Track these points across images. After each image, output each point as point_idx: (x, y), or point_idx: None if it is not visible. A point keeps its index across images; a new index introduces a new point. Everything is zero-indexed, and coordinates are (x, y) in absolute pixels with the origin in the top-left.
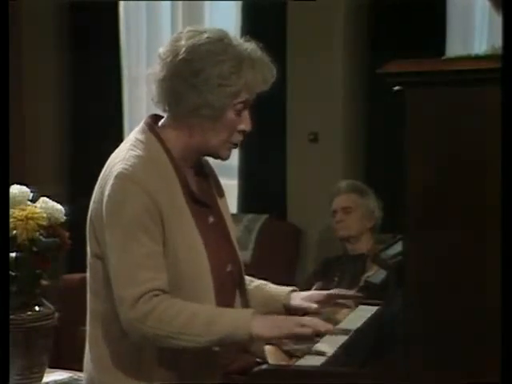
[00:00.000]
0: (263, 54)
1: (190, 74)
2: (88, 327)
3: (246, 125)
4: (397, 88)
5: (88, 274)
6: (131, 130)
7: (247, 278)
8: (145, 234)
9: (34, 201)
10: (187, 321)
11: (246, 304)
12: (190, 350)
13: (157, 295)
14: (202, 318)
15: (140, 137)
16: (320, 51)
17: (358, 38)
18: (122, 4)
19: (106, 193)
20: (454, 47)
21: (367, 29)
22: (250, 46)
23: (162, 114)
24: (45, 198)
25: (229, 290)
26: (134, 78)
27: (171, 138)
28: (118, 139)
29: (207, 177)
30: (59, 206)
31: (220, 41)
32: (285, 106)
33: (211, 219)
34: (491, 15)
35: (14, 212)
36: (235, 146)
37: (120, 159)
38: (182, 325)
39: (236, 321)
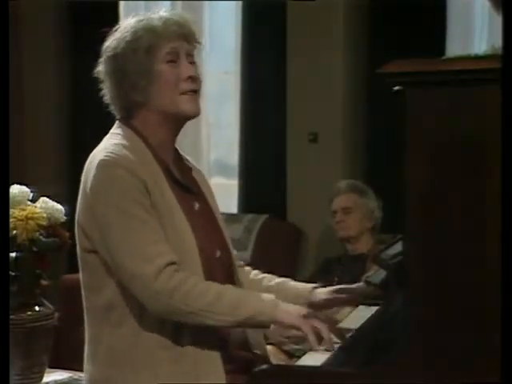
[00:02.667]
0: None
1: (113, 74)
2: (86, 328)
3: (190, 71)
4: (397, 88)
5: (81, 272)
6: None
7: (268, 276)
8: (142, 209)
9: (33, 201)
10: (213, 300)
11: None
12: (211, 327)
13: (177, 270)
14: (228, 299)
15: (116, 131)
16: (320, 51)
17: (358, 38)
18: (121, 4)
19: (90, 183)
20: (454, 47)
21: (367, 29)
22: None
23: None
24: (45, 198)
25: (218, 276)
26: None
27: (143, 126)
28: None
29: (189, 170)
30: (59, 206)
31: (120, 39)
32: (285, 106)
33: (197, 205)
34: (491, 15)
35: (14, 212)
36: (192, 93)
37: (100, 151)
38: (209, 303)
39: (261, 304)
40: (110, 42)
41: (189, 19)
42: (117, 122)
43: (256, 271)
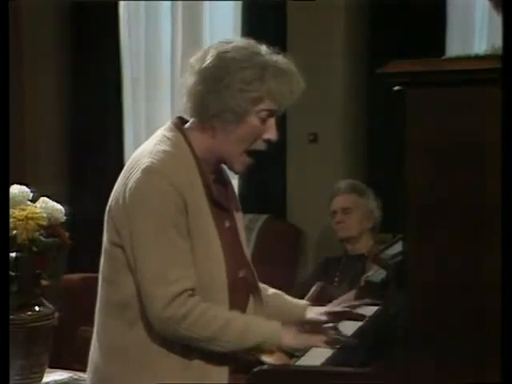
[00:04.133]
0: (291, 66)
1: (214, 80)
2: (97, 316)
3: (271, 134)
4: (397, 88)
5: (103, 262)
6: (131, 129)
7: (262, 285)
8: (174, 229)
9: (33, 201)
10: (221, 328)
11: (259, 311)
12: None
13: (191, 295)
14: (235, 327)
15: (167, 134)
16: (320, 51)
17: (358, 38)
18: (121, 4)
19: (131, 185)
20: (454, 47)
21: (367, 29)
22: (278, 57)
23: (186, 117)
24: (45, 198)
25: (242, 296)
26: (134, 78)
27: (196, 139)
28: (118, 139)
29: (226, 184)
30: (59, 206)
31: (245, 49)
32: None
33: (227, 223)
34: (491, 15)
35: (14, 212)
36: (250, 157)
37: (147, 153)
38: (216, 331)
39: (268, 332)
40: (228, 54)
41: (303, 85)
42: (169, 124)
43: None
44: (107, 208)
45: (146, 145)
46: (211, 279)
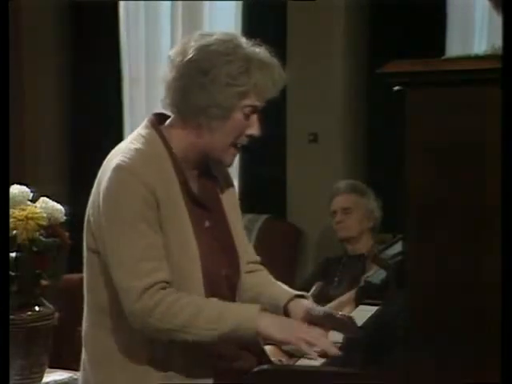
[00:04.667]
0: (273, 58)
1: (199, 74)
2: (83, 324)
3: (254, 129)
4: (397, 88)
5: (84, 269)
6: (131, 130)
7: (264, 274)
8: (144, 223)
9: (33, 201)
10: (192, 315)
11: None
12: (196, 343)
13: (163, 288)
14: (207, 313)
15: (142, 132)
16: (320, 51)
17: (358, 38)
18: (121, 4)
19: (103, 185)
20: (454, 47)
21: (367, 29)
22: (260, 50)
23: (168, 113)
24: (45, 198)
25: (225, 293)
26: (134, 78)
27: (176, 137)
28: (118, 139)
29: (213, 179)
30: (59, 206)
31: (228, 41)
32: (285, 106)
33: (207, 223)
34: (491, 15)
35: (14, 212)
36: (239, 150)
37: (119, 152)
38: (187, 319)
39: (241, 316)
40: (211, 47)
41: (285, 78)
42: (146, 122)
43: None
44: (86, 215)
45: (120, 144)
46: (186, 276)
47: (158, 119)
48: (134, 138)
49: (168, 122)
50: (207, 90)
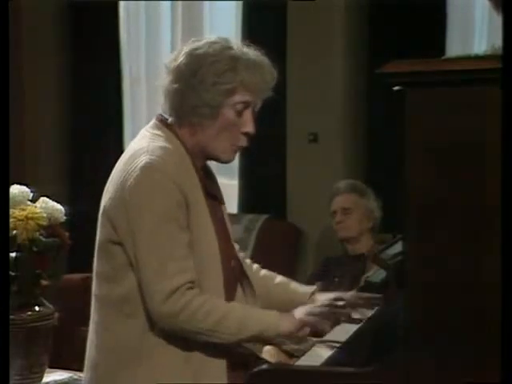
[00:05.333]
0: (263, 57)
1: (189, 76)
2: (94, 314)
3: (248, 127)
4: (397, 88)
5: (98, 260)
6: (131, 130)
7: (269, 274)
8: (175, 223)
9: (33, 201)
10: (219, 320)
11: (250, 298)
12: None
13: (189, 288)
14: (233, 318)
15: (157, 132)
16: (320, 51)
17: (358, 38)
18: (121, 4)
19: (130, 182)
20: (454, 47)
21: (367, 29)
22: (249, 50)
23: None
24: (45, 198)
25: (231, 285)
26: (134, 78)
27: (183, 137)
28: (118, 139)
29: (212, 177)
30: (59, 206)
31: (216, 43)
32: (285, 106)
33: (219, 214)
34: (491, 15)
35: (14, 212)
36: (239, 148)
37: (144, 151)
38: (214, 323)
39: (265, 322)
40: (200, 50)
41: (275, 76)
42: (155, 122)
43: (256, 265)
44: (101, 208)
45: (137, 143)
46: (208, 271)
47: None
48: (151, 137)
49: (168, 122)
50: (196, 91)
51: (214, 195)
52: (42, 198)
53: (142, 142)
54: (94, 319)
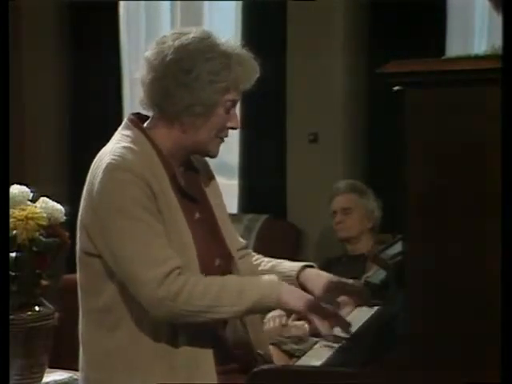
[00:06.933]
0: (247, 52)
1: (181, 73)
2: (80, 325)
3: (235, 123)
4: (397, 88)
5: (78, 271)
6: None
7: (264, 259)
8: (148, 213)
9: (33, 201)
10: (218, 293)
11: None
12: (219, 321)
13: (181, 273)
14: (231, 289)
15: (126, 132)
16: (320, 51)
17: (357, 38)
18: (121, 4)
19: (97, 187)
20: (454, 47)
21: (367, 29)
22: (235, 44)
23: (145, 113)
24: (45, 198)
25: None
26: (134, 78)
27: (160, 136)
28: None
29: (197, 173)
30: (59, 206)
31: (205, 39)
32: (285, 107)
33: (197, 215)
34: (491, 15)
35: (14, 212)
36: (222, 141)
37: (107, 153)
38: (213, 298)
39: (265, 287)
40: (190, 45)
41: (258, 73)
42: (126, 122)
43: (258, 256)
44: (78, 217)
45: (105, 147)
46: (185, 267)
47: (138, 118)
48: (118, 139)
49: (149, 121)
50: (191, 89)
51: (189, 195)
52: (41, 198)
53: (110, 144)
54: (81, 331)
